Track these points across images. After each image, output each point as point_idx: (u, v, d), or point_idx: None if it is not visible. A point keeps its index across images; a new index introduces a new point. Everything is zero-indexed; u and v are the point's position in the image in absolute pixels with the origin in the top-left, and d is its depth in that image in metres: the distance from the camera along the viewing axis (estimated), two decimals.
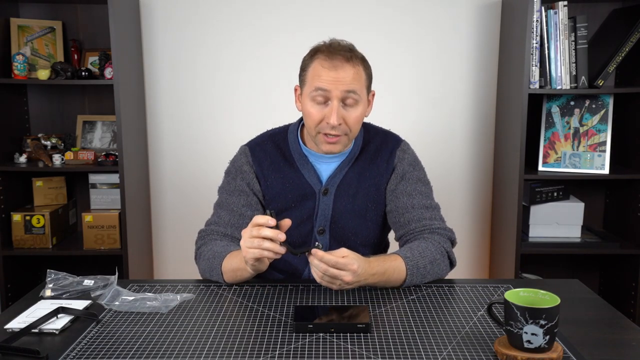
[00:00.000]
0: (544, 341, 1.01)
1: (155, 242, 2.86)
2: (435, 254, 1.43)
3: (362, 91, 1.46)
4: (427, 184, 1.60)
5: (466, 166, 2.80)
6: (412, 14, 2.68)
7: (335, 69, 1.42)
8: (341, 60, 1.42)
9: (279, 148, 1.59)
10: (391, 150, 1.59)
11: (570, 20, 2.36)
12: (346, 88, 1.42)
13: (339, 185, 1.56)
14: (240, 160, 1.60)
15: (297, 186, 1.55)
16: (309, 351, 1.09)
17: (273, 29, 2.70)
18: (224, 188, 1.60)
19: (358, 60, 1.46)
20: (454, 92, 2.74)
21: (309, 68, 1.47)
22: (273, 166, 1.57)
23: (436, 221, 1.53)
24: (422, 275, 1.40)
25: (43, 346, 1.13)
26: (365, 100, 1.48)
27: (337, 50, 1.44)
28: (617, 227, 2.67)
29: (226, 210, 1.56)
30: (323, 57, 1.44)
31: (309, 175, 1.56)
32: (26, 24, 2.61)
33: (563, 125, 2.51)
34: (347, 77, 1.42)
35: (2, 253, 2.51)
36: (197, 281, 1.47)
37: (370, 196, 1.57)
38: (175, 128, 2.77)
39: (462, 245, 2.84)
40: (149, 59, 2.72)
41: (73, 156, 2.53)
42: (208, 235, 1.55)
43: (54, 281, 1.42)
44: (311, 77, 1.45)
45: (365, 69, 1.48)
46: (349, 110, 1.45)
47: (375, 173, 1.57)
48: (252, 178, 1.57)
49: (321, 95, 1.43)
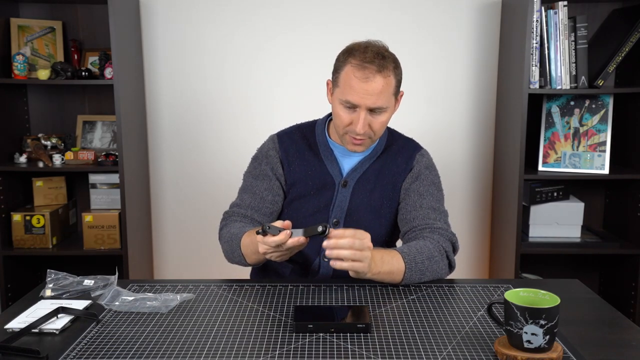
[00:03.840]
0: (544, 341, 1.01)
1: (155, 242, 2.86)
2: (433, 251, 1.43)
3: (390, 100, 1.49)
4: (440, 190, 1.63)
5: (466, 166, 2.80)
6: (412, 14, 2.68)
7: (366, 80, 1.44)
8: (373, 72, 1.44)
9: (305, 138, 1.65)
10: (412, 153, 1.64)
11: (570, 20, 2.36)
12: (374, 103, 1.45)
13: (358, 179, 1.60)
14: (268, 146, 1.66)
15: (318, 175, 1.60)
16: (309, 351, 1.09)
17: (274, 29, 2.70)
18: (249, 172, 1.66)
19: (390, 69, 1.46)
20: (453, 92, 2.74)
21: (342, 71, 1.48)
22: (298, 153, 1.62)
23: (439, 222, 1.54)
24: (420, 272, 1.40)
25: (43, 346, 1.13)
26: (392, 105, 1.52)
27: (371, 58, 1.44)
28: (617, 227, 2.66)
29: (249, 193, 1.62)
30: (356, 63, 1.45)
31: (331, 166, 1.60)
32: (26, 24, 2.61)
33: (563, 125, 2.51)
34: (377, 89, 1.44)
35: (2, 253, 2.51)
36: (197, 281, 1.47)
37: (387, 193, 1.60)
38: (175, 128, 2.77)
39: (462, 245, 2.84)
40: (149, 59, 2.72)
41: (73, 156, 2.53)
42: (230, 217, 1.61)
43: (54, 281, 1.42)
44: (343, 83, 1.47)
45: (396, 75, 1.49)
46: (376, 117, 1.49)
47: (394, 171, 1.61)
48: (277, 162, 1.62)
49: (350, 104, 1.47)
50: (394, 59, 1.50)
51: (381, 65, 1.44)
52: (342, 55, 1.50)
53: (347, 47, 1.51)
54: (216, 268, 2.70)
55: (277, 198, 1.61)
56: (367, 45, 1.48)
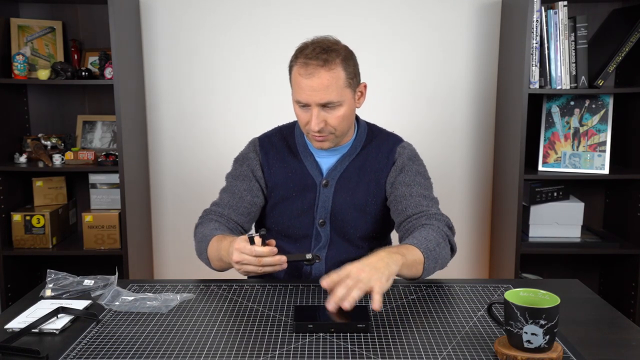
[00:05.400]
0: (543, 341, 1.01)
1: (155, 242, 2.86)
2: (438, 238, 1.42)
3: (341, 94, 1.46)
4: (427, 179, 1.61)
5: (466, 166, 2.80)
6: (412, 14, 2.68)
7: (310, 76, 1.44)
8: (316, 67, 1.44)
9: (285, 140, 1.65)
10: (392, 147, 1.62)
11: (570, 20, 2.36)
12: (322, 99, 1.45)
13: (339, 178, 1.59)
14: (248, 149, 1.68)
15: (299, 176, 1.60)
16: (309, 351, 1.09)
17: (274, 29, 2.70)
18: (230, 174, 1.68)
19: (336, 62, 1.45)
20: (453, 92, 2.74)
21: (292, 72, 1.51)
22: (278, 156, 1.63)
23: (433, 208, 1.53)
24: (434, 260, 1.38)
25: (43, 346, 1.13)
26: (348, 98, 1.49)
27: (314, 54, 1.44)
28: (617, 227, 2.66)
29: (228, 193, 1.63)
30: (301, 61, 1.46)
31: (311, 167, 1.60)
32: (26, 24, 2.61)
33: (563, 125, 2.51)
34: (322, 85, 1.44)
35: (2, 253, 2.51)
36: (197, 281, 1.47)
37: (371, 190, 1.59)
38: (175, 128, 2.77)
39: (462, 245, 2.84)
40: (149, 59, 2.72)
41: (73, 156, 2.53)
42: (207, 215, 1.61)
43: (54, 281, 1.42)
44: (293, 83, 1.50)
45: (345, 68, 1.47)
46: (331, 112, 1.48)
47: (375, 168, 1.60)
48: (256, 165, 1.63)
49: (302, 103, 1.49)
50: (344, 52, 1.48)
51: (325, 59, 1.44)
52: (292, 56, 1.52)
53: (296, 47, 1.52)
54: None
55: (256, 199, 1.61)
56: (313, 41, 1.49)
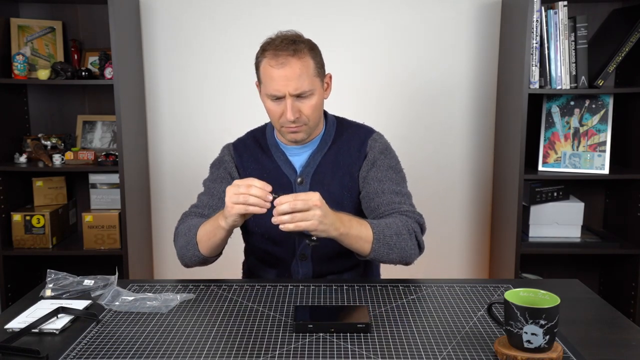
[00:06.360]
0: (544, 341, 1.01)
1: (155, 242, 2.86)
2: (401, 228, 1.44)
3: (312, 83, 1.51)
4: (399, 172, 1.62)
5: (466, 166, 2.80)
6: (412, 14, 2.68)
7: (282, 66, 1.47)
8: (287, 56, 1.47)
9: (257, 142, 1.68)
10: (363, 139, 1.63)
11: (570, 20, 2.36)
12: (296, 89, 1.47)
13: (313, 175, 1.60)
14: (223, 153, 1.71)
15: (274, 176, 1.61)
16: (309, 351, 1.10)
17: (273, 29, 2.68)
18: (208, 179, 1.70)
19: (305, 51, 1.50)
20: (453, 92, 2.74)
21: (260, 67, 1.54)
22: (252, 157, 1.65)
23: (405, 205, 1.54)
24: (388, 246, 1.41)
25: (43, 346, 1.13)
26: (319, 88, 1.53)
27: (283, 45, 1.49)
28: (617, 227, 2.66)
29: (207, 195, 1.65)
30: (270, 54, 1.50)
31: (285, 166, 1.62)
32: (26, 24, 2.61)
33: (563, 125, 2.51)
34: (295, 73, 1.47)
35: (2, 253, 2.51)
36: (197, 281, 1.47)
37: (345, 183, 1.60)
38: (175, 128, 2.77)
39: (462, 245, 2.84)
40: (149, 59, 2.72)
41: (73, 156, 2.53)
42: (187, 217, 1.62)
43: (54, 281, 1.42)
44: (263, 77, 1.52)
45: (313, 57, 1.52)
46: (304, 102, 1.51)
47: (348, 161, 1.60)
48: (232, 167, 1.66)
49: (275, 96, 1.50)
50: (309, 43, 1.54)
51: (294, 49, 1.48)
52: (258, 52, 1.55)
53: (260, 44, 1.55)
54: (216, 268, 2.69)
55: None
56: (277, 35, 1.53)
